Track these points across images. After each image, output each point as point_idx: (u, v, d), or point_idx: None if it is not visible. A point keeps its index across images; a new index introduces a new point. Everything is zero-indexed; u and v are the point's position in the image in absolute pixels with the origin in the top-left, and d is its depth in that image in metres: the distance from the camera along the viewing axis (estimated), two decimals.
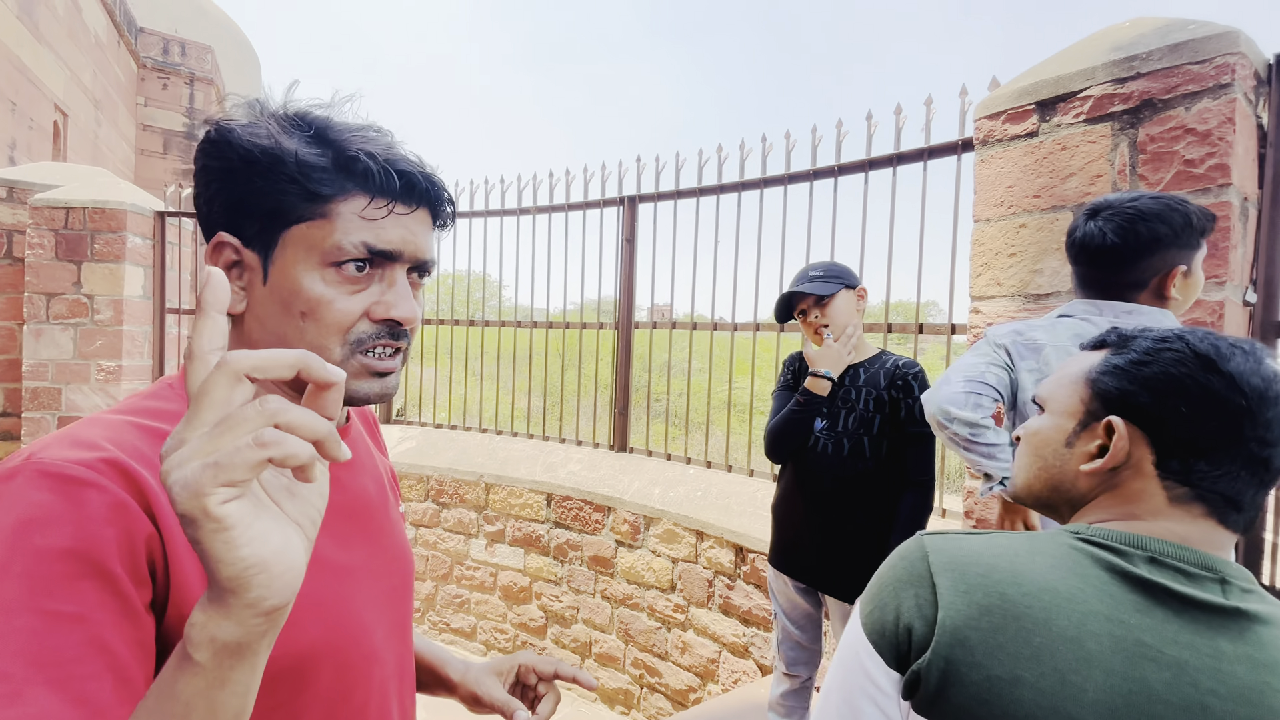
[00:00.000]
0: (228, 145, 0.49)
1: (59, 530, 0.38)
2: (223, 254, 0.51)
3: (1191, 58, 1.43)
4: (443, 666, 0.73)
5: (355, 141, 0.50)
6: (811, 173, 2.47)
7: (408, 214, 0.52)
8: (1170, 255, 1.10)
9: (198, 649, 0.33)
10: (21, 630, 0.35)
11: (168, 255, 3.84)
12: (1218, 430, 0.50)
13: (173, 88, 10.92)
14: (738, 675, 2.41)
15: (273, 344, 0.51)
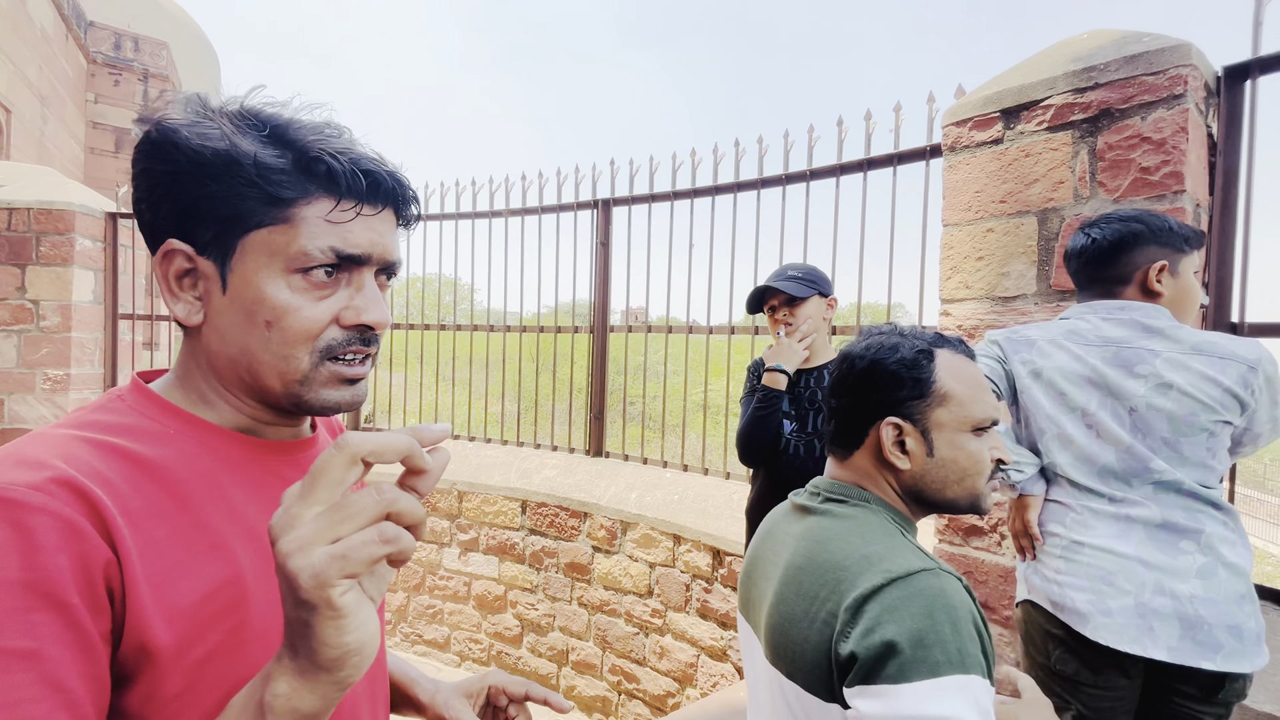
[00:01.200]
0: (173, 147, 0.45)
1: (7, 561, 0.35)
2: (174, 263, 0.48)
3: (1146, 69, 1.48)
4: (412, 686, 0.71)
5: (316, 141, 0.47)
6: (784, 177, 2.50)
7: (374, 215, 0.50)
8: (1149, 250, 1.18)
9: (279, 718, 0.34)
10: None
11: (120, 258, 3.68)
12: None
13: (125, 84, 10.51)
14: (716, 679, 2.41)
15: (235, 356, 0.49)
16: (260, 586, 0.47)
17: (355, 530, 0.33)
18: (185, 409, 0.49)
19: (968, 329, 1.78)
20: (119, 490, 0.41)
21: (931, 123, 2.08)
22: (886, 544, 0.68)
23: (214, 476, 0.47)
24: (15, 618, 0.35)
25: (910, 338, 0.76)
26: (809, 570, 0.70)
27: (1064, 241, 1.61)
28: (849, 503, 0.75)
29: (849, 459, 0.78)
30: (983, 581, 1.76)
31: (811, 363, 1.63)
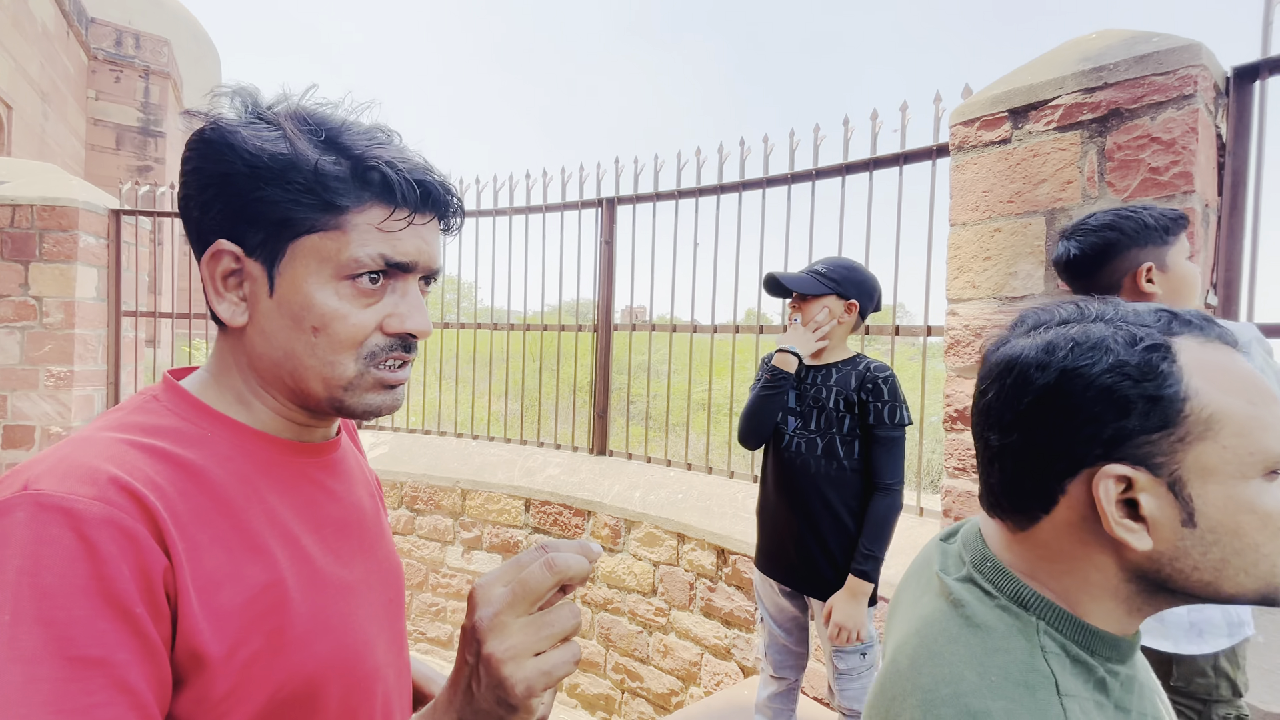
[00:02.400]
0: (229, 147, 0.46)
1: (73, 570, 0.36)
2: (221, 263, 0.48)
3: (1156, 69, 1.48)
4: (429, 685, 0.72)
5: (372, 149, 0.47)
6: (789, 176, 2.50)
7: (424, 224, 0.50)
8: (1132, 255, 1.18)
9: None
10: (46, 679, 0.34)
11: (123, 255, 3.68)
12: None
13: (126, 81, 10.49)
14: (720, 677, 2.41)
15: (279, 359, 0.49)
16: (298, 588, 0.47)
17: (553, 644, 0.38)
18: (219, 410, 0.50)
19: (974, 329, 1.78)
20: (168, 496, 0.42)
21: (938, 122, 2.08)
22: (1014, 702, 0.43)
23: (250, 479, 0.48)
24: (85, 626, 0.36)
25: (1117, 324, 0.45)
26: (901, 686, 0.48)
27: None
28: (996, 601, 0.48)
29: (1032, 530, 0.47)
30: None
31: (820, 360, 1.61)
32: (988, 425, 0.48)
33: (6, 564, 0.35)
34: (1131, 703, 0.46)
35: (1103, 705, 0.44)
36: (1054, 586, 0.47)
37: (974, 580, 0.50)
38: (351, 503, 0.57)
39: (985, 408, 0.48)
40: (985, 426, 0.49)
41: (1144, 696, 0.47)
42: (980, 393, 0.49)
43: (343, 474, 0.58)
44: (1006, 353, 0.47)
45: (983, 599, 0.49)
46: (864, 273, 1.60)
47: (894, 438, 1.50)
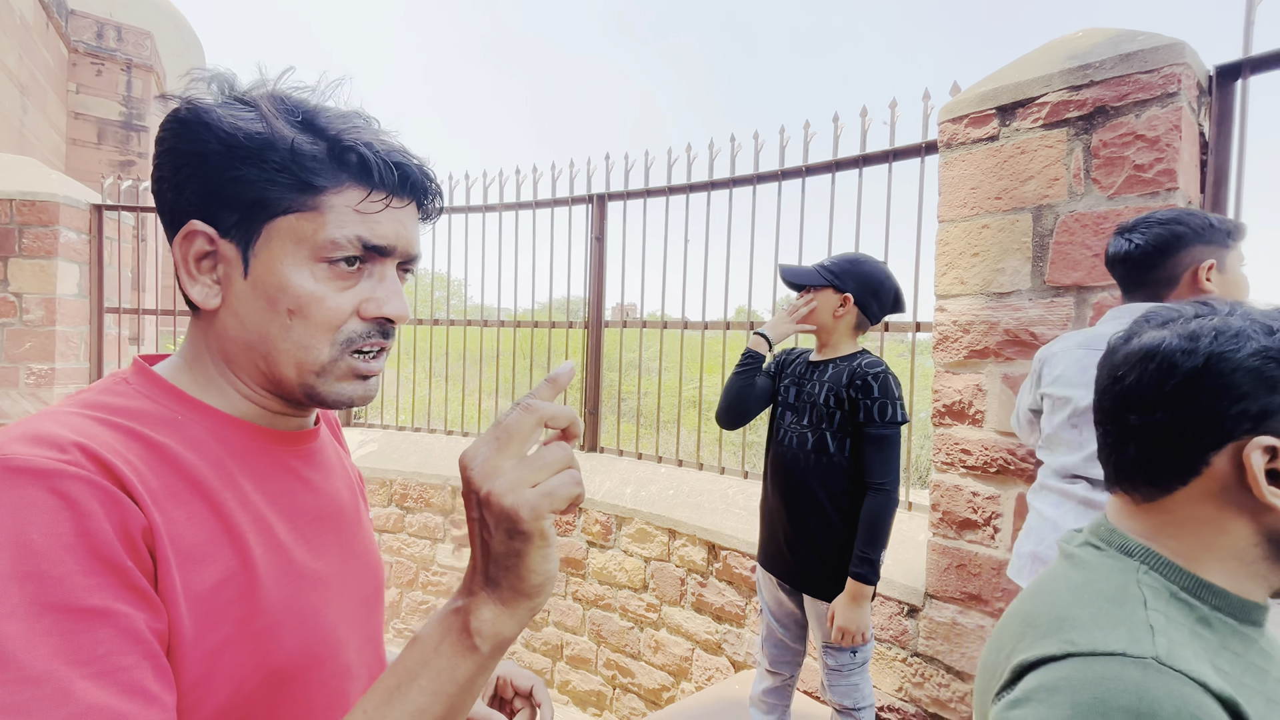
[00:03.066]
0: (204, 126, 0.45)
1: (57, 526, 0.35)
2: (194, 244, 0.47)
3: (1141, 67, 1.50)
4: None
5: (350, 131, 0.47)
6: (780, 173, 2.50)
7: (402, 208, 0.49)
8: (1196, 250, 1.18)
9: (485, 641, 0.38)
10: (50, 631, 0.33)
11: (105, 251, 3.62)
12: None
13: (108, 74, 10.31)
14: (711, 673, 2.42)
15: (253, 341, 0.48)
16: (270, 577, 0.46)
17: (551, 475, 0.38)
18: (192, 394, 0.48)
19: (962, 324, 1.80)
20: (137, 469, 0.40)
21: (927, 119, 2.09)
22: (1102, 610, 0.49)
23: (223, 463, 0.47)
24: (81, 578, 0.35)
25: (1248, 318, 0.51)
26: (1009, 620, 0.56)
27: (1059, 238, 1.63)
28: (1104, 553, 0.55)
29: (1163, 500, 0.52)
30: (976, 574, 1.78)
31: (823, 355, 1.61)
32: (1127, 407, 0.53)
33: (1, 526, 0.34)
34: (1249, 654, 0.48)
35: (1202, 636, 0.48)
36: (1175, 547, 0.52)
37: (1089, 542, 0.57)
38: (329, 494, 0.55)
39: (1124, 391, 0.53)
40: (1124, 408, 0.54)
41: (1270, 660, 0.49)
42: (1116, 379, 0.54)
43: (321, 465, 0.56)
44: (1143, 343, 0.53)
45: (1093, 552, 0.56)
46: (867, 267, 1.58)
47: (884, 436, 1.46)
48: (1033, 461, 1.68)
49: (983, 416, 1.76)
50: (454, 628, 0.39)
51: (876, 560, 1.44)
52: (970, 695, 1.80)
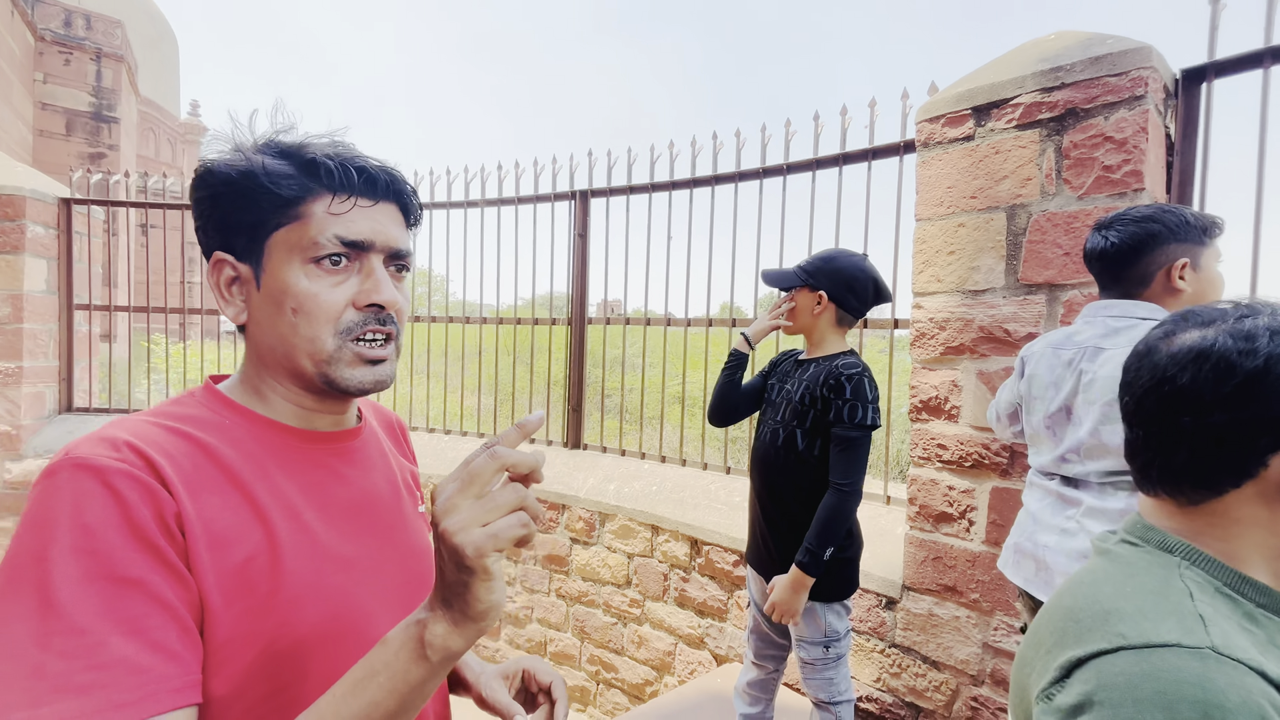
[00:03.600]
0: (210, 174, 0.56)
1: (107, 511, 0.44)
2: (222, 272, 0.57)
3: (1110, 70, 1.54)
4: (462, 668, 0.78)
5: (314, 148, 0.56)
6: (761, 171, 2.52)
7: (372, 206, 0.57)
8: (1170, 249, 1.19)
9: (435, 653, 0.43)
10: (96, 595, 0.42)
11: (75, 246, 3.53)
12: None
13: (77, 63, 10.03)
14: (694, 666, 2.44)
15: (274, 343, 0.57)
16: (295, 556, 0.53)
17: (500, 517, 0.42)
18: (242, 404, 0.58)
19: (939, 321, 1.83)
20: (178, 462, 0.50)
21: (905, 119, 2.12)
22: (1148, 602, 0.48)
23: (258, 458, 0.55)
24: (122, 554, 0.44)
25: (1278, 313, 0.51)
26: (1048, 614, 0.55)
27: (1032, 236, 1.67)
28: (1141, 549, 0.54)
29: (1212, 502, 0.52)
30: (951, 566, 1.82)
31: (809, 354, 1.62)
32: (1179, 409, 0.51)
33: (59, 510, 0.44)
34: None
35: (1250, 632, 0.47)
36: (1221, 548, 0.51)
37: (1125, 540, 0.56)
38: (363, 488, 0.62)
39: (1177, 393, 0.51)
40: (1175, 410, 0.52)
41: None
42: (1166, 379, 0.52)
43: (358, 462, 0.63)
44: (1192, 343, 0.51)
45: (1130, 549, 0.55)
46: (840, 263, 1.56)
47: (851, 438, 1.44)
48: (1006, 456, 1.72)
49: (958, 412, 1.80)
50: (412, 638, 0.44)
51: (821, 555, 1.42)
52: (945, 683, 1.84)
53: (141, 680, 0.42)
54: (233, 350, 5.57)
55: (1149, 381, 0.53)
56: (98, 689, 0.41)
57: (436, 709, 0.67)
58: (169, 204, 3.59)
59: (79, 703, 0.40)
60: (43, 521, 0.44)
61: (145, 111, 15.48)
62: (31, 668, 0.40)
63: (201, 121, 18.36)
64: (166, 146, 16.80)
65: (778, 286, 1.64)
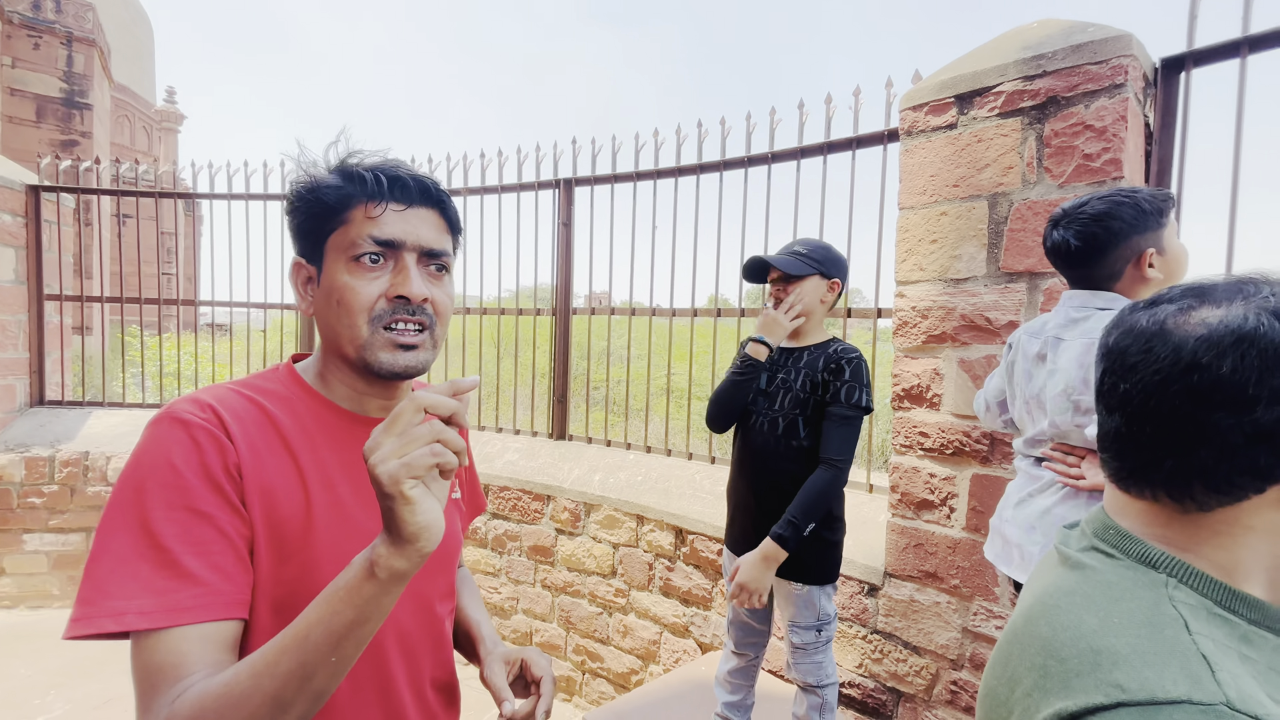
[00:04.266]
0: (292, 193, 0.68)
1: (189, 456, 0.57)
2: (300, 273, 0.69)
3: (1091, 58, 1.54)
4: (478, 642, 0.85)
5: (351, 163, 0.67)
6: (746, 160, 2.50)
7: (405, 210, 0.66)
8: (1133, 242, 1.17)
9: (382, 571, 0.49)
10: (177, 522, 0.55)
11: (44, 235, 3.44)
12: None
13: (46, 48, 9.74)
14: (679, 655, 2.45)
15: (327, 332, 0.67)
16: (324, 520, 0.63)
17: (415, 448, 0.48)
18: (308, 382, 0.69)
19: (921, 310, 1.84)
20: (247, 426, 0.61)
21: (889, 107, 2.11)
22: (1142, 639, 0.42)
23: (308, 431, 0.66)
24: (199, 491, 0.56)
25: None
26: (1020, 643, 0.48)
27: (1013, 225, 1.67)
28: (1121, 563, 0.48)
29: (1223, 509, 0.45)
30: (933, 553, 1.84)
31: (797, 342, 1.61)
32: (1214, 403, 0.43)
33: (158, 452, 0.57)
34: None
35: (1250, 660, 0.42)
36: (1219, 559, 0.45)
37: (1097, 548, 0.50)
38: None
39: (1213, 384, 0.43)
40: (1209, 405, 0.43)
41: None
42: (1196, 366, 0.43)
43: None
44: (1228, 324, 0.43)
45: (1105, 561, 0.48)
46: (835, 250, 1.60)
47: (847, 416, 1.47)
48: (987, 443, 1.73)
49: (940, 400, 1.81)
50: (365, 560, 0.51)
51: (802, 530, 1.42)
52: (926, 668, 1.86)
53: (202, 591, 0.54)
54: (212, 342, 5.47)
55: (1169, 368, 0.45)
56: (170, 593, 0.53)
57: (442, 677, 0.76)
58: (141, 191, 3.50)
59: (154, 600, 0.52)
60: (146, 457, 0.56)
61: (119, 98, 15.09)
62: (128, 570, 0.53)
63: (178, 109, 17.93)
64: (142, 134, 16.41)
65: (792, 274, 1.57)
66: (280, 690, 0.49)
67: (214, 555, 0.55)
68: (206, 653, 0.53)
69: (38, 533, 3.20)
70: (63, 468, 3.20)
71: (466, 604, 0.89)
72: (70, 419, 3.42)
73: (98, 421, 3.44)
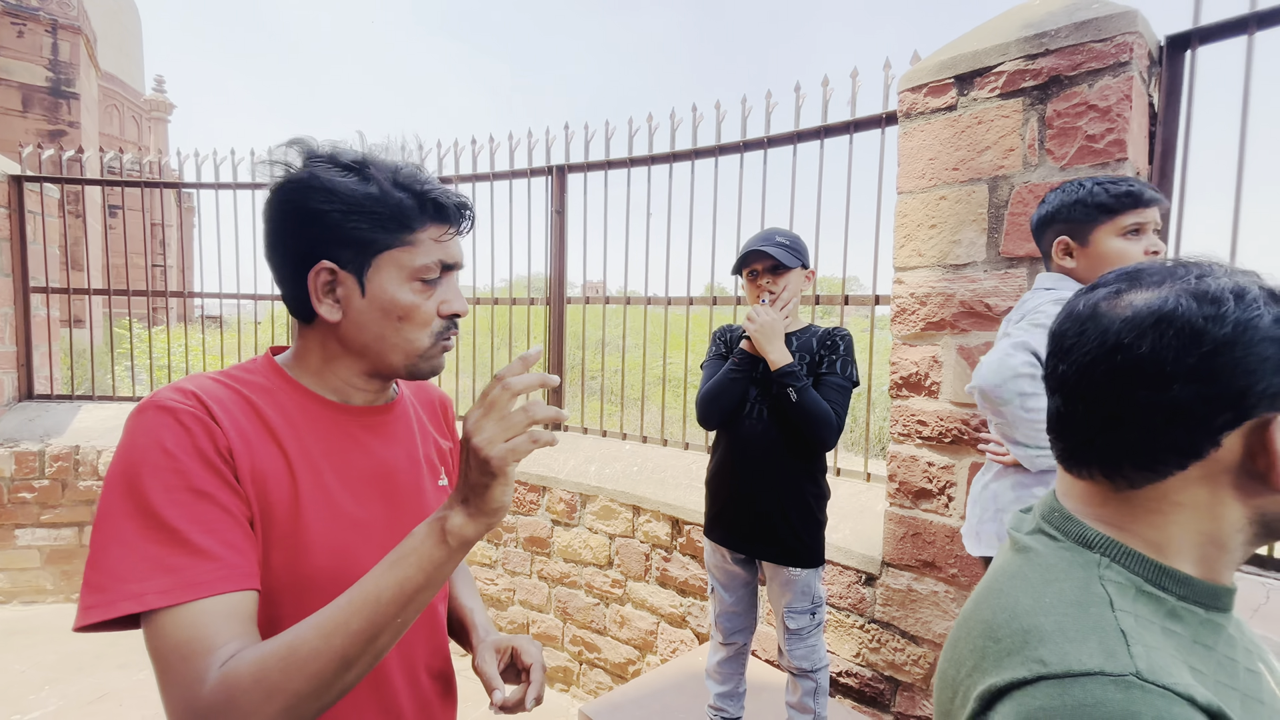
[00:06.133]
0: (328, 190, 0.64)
1: (181, 440, 0.57)
2: (320, 277, 0.66)
3: (1095, 35, 1.49)
4: (471, 631, 0.86)
5: (427, 186, 0.66)
6: (741, 144, 2.46)
7: (460, 236, 0.70)
8: (1055, 228, 1.26)
9: (453, 539, 0.55)
10: (180, 503, 0.55)
11: (28, 227, 3.38)
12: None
13: (31, 36, 9.57)
14: (676, 645, 2.45)
15: (371, 344, 0.68)
16: (310, 509, 0.64)
17: (515, 435, 0.54)
18: (292, 376, 0.69)
19: (919, 296, 1.80)
20: (232, 413, 0.62)
21: (888, 90, 2.06)
22: (1068, 617, 0.44)
23: (293, 421, 0.66)
24: (196, 472, 0.57)
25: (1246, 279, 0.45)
26: (966, 626, 0.51)
27: (1014, 209, 1.64)
28: (1061, 544, 0.50)
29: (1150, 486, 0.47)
30: (930, 542, 1.82)
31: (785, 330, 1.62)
32: (1135, 381, 0.45)
33: (148, 438, 0.57)
34: (1219, 645, 0.45)
35: (1174, 633, 0.44)
36: (1150, 536, 0.47)
37: (1042, 530, 0.52)
38: (383, 459, 0.72)
39: (1133, 363, 0.45)
40: (1130, 383, 0.45)
41: (1235, 647, 0.46)
42: (1120, 347, 0.45)
43: (386, 435, 0.73)
44: (1150, 306, 0.45)
45: (1048, 544, 0.51)
46: (802, 240, 1.66)
47: (843, 385, 1.54)
48: (986, 432, 1.71)
49: (938, 388, 1.78)
50: (435, 528, 0.55)
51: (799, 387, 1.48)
52: (924, 657, 1.85)
53: (215, 566, 0.55)
54: (210, 335, 5.41)
55: (1096, 349, 0.47)
56: (185, 570, 0.53)
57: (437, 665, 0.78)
58: (127, 181, 3.43)
59: (171, 579, 0.53)
60: (137, 445, 0.56)
61: (107, 87, 14.87)
62: (138, 554, 0.53)
63: (167, 98, 17.69)
64: (131, 124, 16.19)
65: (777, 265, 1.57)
66: (348, 648, 0.52)
67: (221, 531, 0.56)
68: (231, 624, 0.54)
69: (29, 528, 3.17)
70: (53, 462, 3.16)
71: (461, 593, 0.90)
72: (60, 413, 3.38)
73: (88, 415, 3.40)
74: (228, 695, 0.50)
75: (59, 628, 2.95)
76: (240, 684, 0.50)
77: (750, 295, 1.63)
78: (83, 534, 3.21)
